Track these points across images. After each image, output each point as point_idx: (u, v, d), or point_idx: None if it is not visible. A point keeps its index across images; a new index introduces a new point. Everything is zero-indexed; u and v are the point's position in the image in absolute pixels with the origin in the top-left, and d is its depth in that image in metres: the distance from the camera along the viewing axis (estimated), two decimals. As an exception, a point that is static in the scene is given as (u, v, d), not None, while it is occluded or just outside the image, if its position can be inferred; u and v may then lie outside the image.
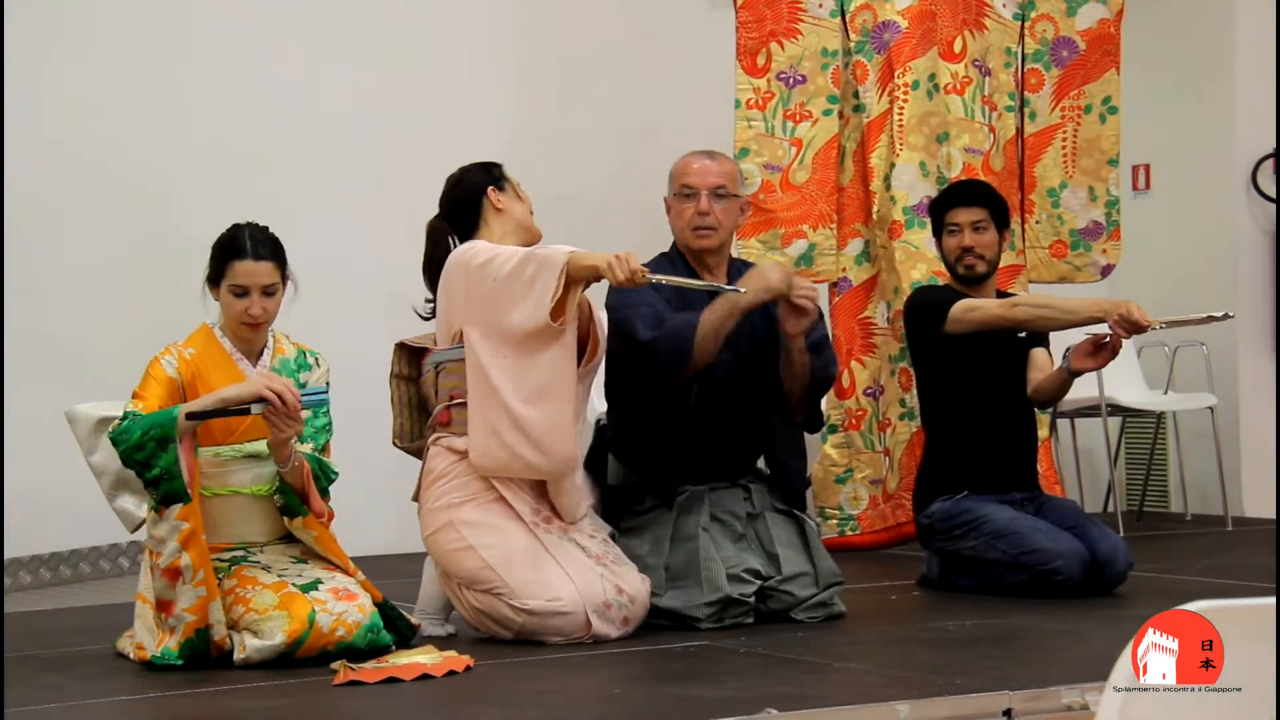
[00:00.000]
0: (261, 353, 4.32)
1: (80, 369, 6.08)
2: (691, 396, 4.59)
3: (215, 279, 4.25)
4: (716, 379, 4.62)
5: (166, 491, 3.98)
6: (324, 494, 4.29)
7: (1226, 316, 4.88)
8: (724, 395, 4.63)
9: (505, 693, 3.74)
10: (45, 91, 6.25)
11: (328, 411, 4.36)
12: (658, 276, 4.25)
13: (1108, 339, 4.92)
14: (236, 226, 4.29)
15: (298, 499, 4.23)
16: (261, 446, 4.22)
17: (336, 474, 4.32)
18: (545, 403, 4.33)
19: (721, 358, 4.56)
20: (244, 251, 4.21)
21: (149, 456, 3.97)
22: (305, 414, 4.24)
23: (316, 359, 4.42)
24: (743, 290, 4.42)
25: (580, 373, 4.43)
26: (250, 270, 4.20)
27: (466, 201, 4.61)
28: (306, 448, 4.26)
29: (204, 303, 4.33)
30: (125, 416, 4.05)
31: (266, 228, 4.30)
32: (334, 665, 3.89)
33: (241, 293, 4.21)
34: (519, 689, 3.78)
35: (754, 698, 3.40)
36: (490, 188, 4.60)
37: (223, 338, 4.29)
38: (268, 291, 4.23)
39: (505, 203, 4.60)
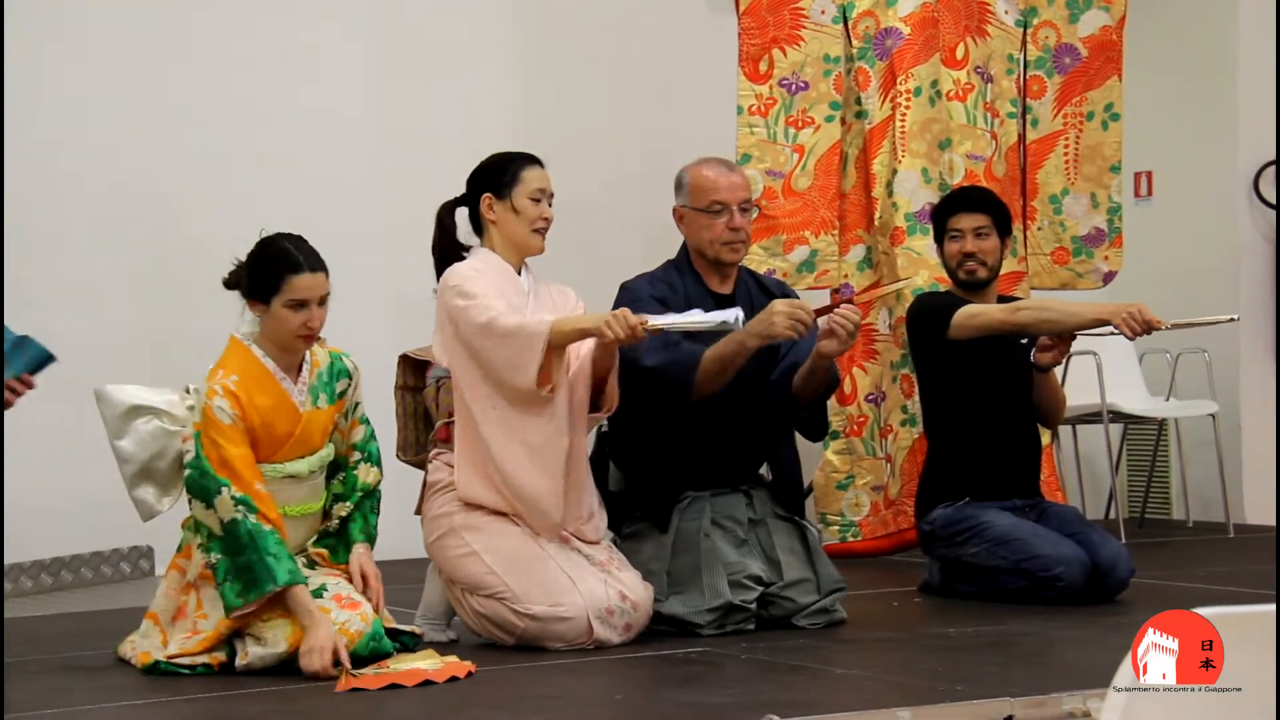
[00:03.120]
0: (300, 367, 4.23)
1: (81, 373, 6.06)
2: (695, 420, 4.57)
3: (265, 294, 4.12)
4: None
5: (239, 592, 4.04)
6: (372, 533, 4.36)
7: (1231, 319, 4.89)
8: (727, 401, 4.63)
9: (507, 698, 3.73)
10: (45, 94, 6.25)
11: (367, 420, 4.37)
12: (657, 324, 4.15)
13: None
14: (279, 238, 4.17)
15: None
16: (300, 467, 4.20)
17: (375, 530, 4.38)
18: (533, 471, 4.30)
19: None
20: (300, 266, 4.10)
21: (242, 563, 4.01)
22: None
23: (347, 361, 4.34)
24: (740, 324, 4.22)
25: (590, 420, 4.40)
26: (309, 284, 4.10)
27: (471, 199, 4.55)
28: (362, 475, 4.31)
29: (213, 307, 4.31)
30: (236, 501, 4.00)
31: (303, 237, 4.21)
32: (334, 671, 3.88)
33: (300, 306, 4.11)
34: (521, 694, 3.78)
35: (755, 704, 3.40)
36: (487, 195, 4.49)
37: (264, 357, 4.18)
38: (323, 302, 4.15)
39: (498, 215, 4.48)
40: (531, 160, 4.53)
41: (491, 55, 7.15)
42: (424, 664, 3.95)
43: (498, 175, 4.51)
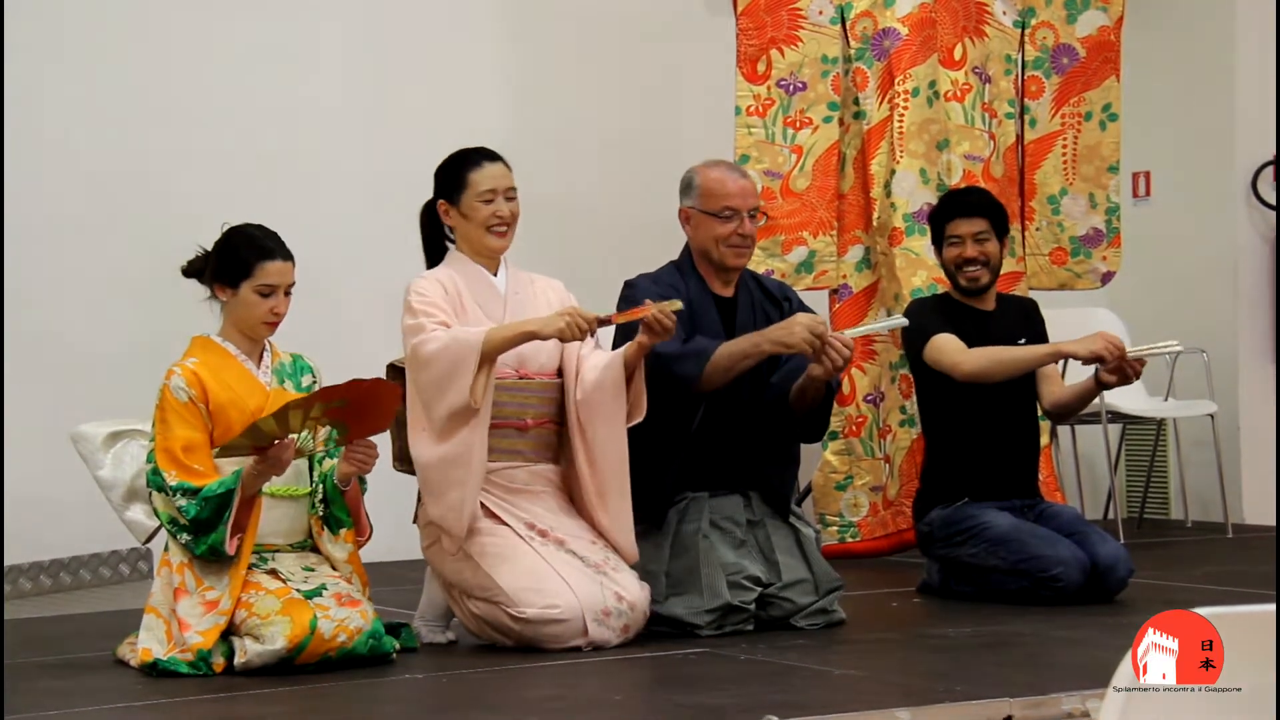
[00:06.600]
0: (261, 356, 4.33)
1: (81, 374, 6.08)
2: (694, 421, 4.56)
3: (234, 279, 4.23)
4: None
5: (215, 544, 4.06)
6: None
7: (1175, 350, 4.96)
8: (726, 403, 4.62)
9: (505, 699, 3.73)
10: (45, 96, 6.24)
11: None
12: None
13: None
14: (246, 227, 4.29)
15: (347, 513, 4.28)
16: None
17: (365, 486, 4.38)
18: (443, 487, 4.31)
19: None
20: (273, 252, 4.24)
21: (210, 519, 4.06)
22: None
23: (307, 360, 4.42)
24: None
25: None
26: (280, 270, 4.24)
27: (434, 205, 4.57)
28: (328, 464, 4.30)
29: (210, 307, 4.33)
30: (172, 490, 4.06)
31: (269, 228, 4.33)
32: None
33: (269, 292, 4.22)
34: (519, 696, 3.78)
35: (754, 705, 3.40)
36: (443, 201, 4.50)
37: (224, 343, 4.28)
38: (288, 292, 4.27)
39: (454, 220, 4.50)
40: (480, 159, 4.51)
41: (489, 56, 7.15)
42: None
43: (449, 181, 4.52)
